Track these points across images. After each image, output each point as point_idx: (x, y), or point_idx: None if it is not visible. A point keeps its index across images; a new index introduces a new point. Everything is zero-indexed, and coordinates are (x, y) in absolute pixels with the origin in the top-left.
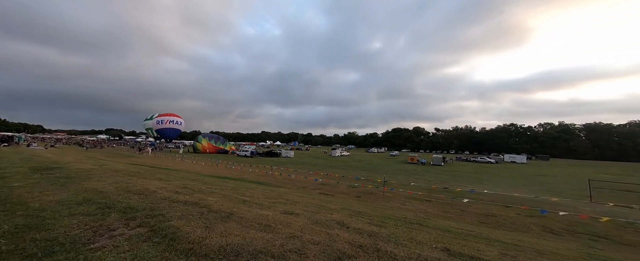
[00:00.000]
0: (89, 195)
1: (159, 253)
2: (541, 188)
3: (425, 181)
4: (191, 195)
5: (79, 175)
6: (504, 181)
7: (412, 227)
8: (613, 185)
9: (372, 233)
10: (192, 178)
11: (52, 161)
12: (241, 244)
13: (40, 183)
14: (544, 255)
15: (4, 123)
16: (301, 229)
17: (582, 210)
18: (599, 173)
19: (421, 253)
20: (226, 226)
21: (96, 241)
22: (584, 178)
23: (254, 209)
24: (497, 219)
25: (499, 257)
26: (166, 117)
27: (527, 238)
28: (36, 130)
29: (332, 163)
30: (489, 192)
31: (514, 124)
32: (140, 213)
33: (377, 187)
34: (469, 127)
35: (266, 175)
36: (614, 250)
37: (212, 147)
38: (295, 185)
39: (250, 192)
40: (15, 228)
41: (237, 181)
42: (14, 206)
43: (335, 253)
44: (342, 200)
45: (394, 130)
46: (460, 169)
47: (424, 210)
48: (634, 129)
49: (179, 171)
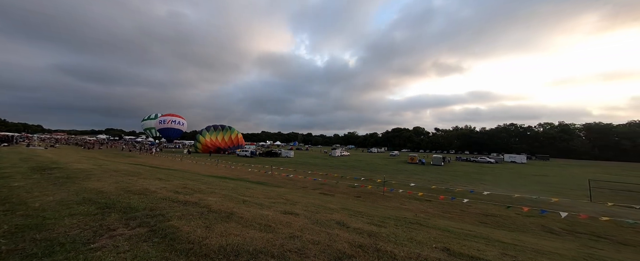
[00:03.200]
0: (89, 195)
1: (159, 253)
2: (541, 188)
3: (425, 181)
4: (191, 195)
5: (79, 175)
6: (504, 181)
7: (412, 227)
8: (613, 185)
9: (372, 233)
10: (192, 178)
11: (52, 161)
12: (241, 244)
13: (40, 183)
14: (544, 255)
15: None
16: (301, 229)
17: (582, 210)
18: (599, 173)
19: (421, 253)
20: (226, 226)
21: (96, 241)
22: (584, 178)
23: (254, 209)
24: (497, 219)
25: (499, 257)
26: (169, 117)
27: (527, 238)
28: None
29: (332, 163)
30: (489, 192)
31: (513, 124)
32: (140, 213)
33: (377, 187)
34: (469, 126)
35: (266, 175)
36: (614, 250)
37: (217, 142)
38: (295, 185)
39: (250, 192)
40: (15, 228)
41: (237, 181)
42: (14, 206)
43: (335, 253)
44: (342, 200)
45: (394, 130)
46: (460, 169)
47: (423, 210)
48: (634, 129)
49: (179, 171)
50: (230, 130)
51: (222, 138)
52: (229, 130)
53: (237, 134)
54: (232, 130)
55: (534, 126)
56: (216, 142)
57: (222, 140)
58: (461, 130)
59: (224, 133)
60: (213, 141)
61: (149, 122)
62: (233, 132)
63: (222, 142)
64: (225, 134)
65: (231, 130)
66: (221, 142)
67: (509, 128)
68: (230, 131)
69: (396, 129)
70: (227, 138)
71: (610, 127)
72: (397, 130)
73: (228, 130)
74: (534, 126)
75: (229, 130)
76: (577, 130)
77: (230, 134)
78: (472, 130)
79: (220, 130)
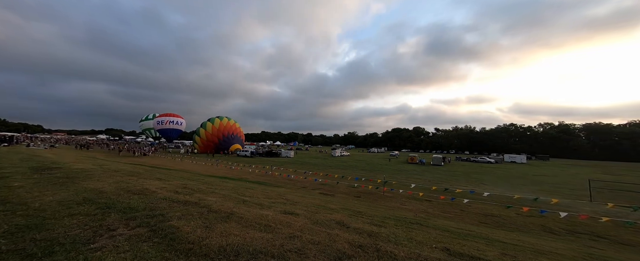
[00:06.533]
0: (89, 195)
1: (159, 253)
2: (541, 188)
3: (425, 181)
4: (191, 195)
5: (79, 175)
6: (504, 181)
7: (412, 227)
8: (613, 185)
9: (372, 233)
10: (192, 178)
11: (51, 161)
12: (241, 244)
13: (40, 183)
14: (544, 255)
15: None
16: (301, 229)
17: (582, 210)
18: (599, 173)
19: (421, 253)
20: (226, 226)
21: (96, 241)
22: (584, 178)
23: (254, 209)
24: (497, 219)
25: (499, 257)
26: (166, 118)
27: (527, 238)
28: (36, 130)
29: (332, 163)
30: (489, 192)
31: (513, 124)
32: (140, 213)
33: (377, 187)
34: (469, 126)
35: (266, 175)
36: (614, 250)
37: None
38: (295, 185)
39: (250, 192)
40: (15, 228)
41: (237, 181)
42: (14, 206)
43: (335, 253)
44: (342, 200)
45: (394, 130)
46: (460, 169)
47: (423, 210)
48: (634, 129)
49: (179, 171)
50: (228, 119)
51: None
52: (222, 119)
53: (234, 123)
54: (228, 119)
55: (534, 126)
56: (211, 134)
57: (217, 130)
58: (461, 130)
59: (221, 121)
60: (209, 135)
61: (146, 123)
62: (230, 120)
63: (217, 132)
64: (222, 121)
65: (228, 119)
66: (217, 132)
67: (509, 128)
68: (221, 119)
69: (396, 129)
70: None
71: (610, 127)
72: (397, 130)
73: (224, 118)
74: (534, 126)
75: (224, 118)
76: (577, 130)
77: (228, 121)
78: (472, 130)
79: (216, 119)
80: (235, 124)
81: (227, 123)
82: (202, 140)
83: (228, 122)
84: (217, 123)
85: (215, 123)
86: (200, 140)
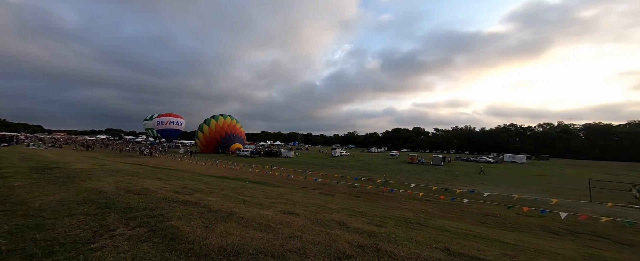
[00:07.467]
0: (89, 195)
1: (159, 253)
2: (541, 188)
3: (425, 181)
4: (191, 195)
5: (79, 175)
6: (504, 181)
7: (412, 227)
8: (613, 185)
9: (372, 233)
10: (192, 178)
11: (52, 161)
12: (241, 244)
13: (40, 183)
14: (544, 255)
15: (4, 123)
16: (301, 229)
17: (582, 210)
18: (599, 173)
19: (421, 253)
20: (226, 226)
21: (96, 241)
22: (584, 178)
23: (254, 209)
24: (497, 219)
25: (499, 257)
26: (166, 118)
27: (527, 238)
28: (36, 130)
29: (332, 163)
30: (489, 193)
31: (513, 124)
32: (140, 213)
33: (377, 187)
34: (469, 127)
35: (266, 175)
36: (614, 250)
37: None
38: (295, 185)
39: (250, 192)
40: (15, 228)
41: (237, 181)
42: (14, 207)
43: (335, 253)
44: (342, 200)
45: (394, 130)
46: (460, 169)
47: (424, 210)
48: (634, 129)
49: (179, 171)
50: (230, 117)
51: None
52: (225, 117)
53: (236, 122)
54: (231, 117)
55: (534, 126)
56: (214, 131)
57: (220, 127)
58: (461, 130)
59: (224, 119)
60: (211, 132)
61: (149, 122)
62: (232, 118)
63: (220, 129)
64: (225, 119)
65: (231, 117)
66: (219, 129)
67: (509, 128)
68: (224, 117)
69: (396, 129)
70: (224, 124)
71: (610, 127)
72: (396, 130)
73: (227, 117)
74: (534, 126)
75: (227, 117)
76: (577, 130)
77: (231, 120)
78: (472, 130)
79: (220, 116)
80: (237, 124)
81: (230, 122)
82: (205, 137)
83: (231, 120)
84: (221, 121)
85: (219, 120)
86: (203, 136)
